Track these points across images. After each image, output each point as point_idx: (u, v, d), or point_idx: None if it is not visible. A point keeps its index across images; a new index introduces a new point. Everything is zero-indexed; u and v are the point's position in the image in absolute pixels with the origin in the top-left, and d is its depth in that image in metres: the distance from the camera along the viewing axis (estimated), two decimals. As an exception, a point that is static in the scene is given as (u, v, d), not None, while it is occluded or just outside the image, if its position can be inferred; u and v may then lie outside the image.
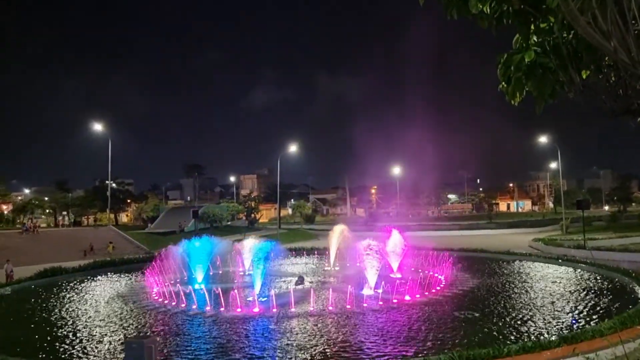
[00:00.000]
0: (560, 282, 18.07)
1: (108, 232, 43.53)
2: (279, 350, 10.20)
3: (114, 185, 74.15)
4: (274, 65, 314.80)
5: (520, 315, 12.89)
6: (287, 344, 10.63)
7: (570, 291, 16.21)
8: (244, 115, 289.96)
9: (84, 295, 18.01)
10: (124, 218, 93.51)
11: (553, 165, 70.11)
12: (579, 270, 20.93)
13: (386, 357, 9.62)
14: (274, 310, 14.16)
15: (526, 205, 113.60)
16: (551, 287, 17.14)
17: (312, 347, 10.37)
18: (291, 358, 9.65)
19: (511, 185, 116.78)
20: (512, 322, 12.17)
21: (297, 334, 11.54)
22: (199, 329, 12.48)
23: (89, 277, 22.81)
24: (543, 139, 47.60)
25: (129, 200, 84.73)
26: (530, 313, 13.15)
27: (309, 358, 9.65)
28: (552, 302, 14.40)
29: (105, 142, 49.14)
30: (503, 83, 3.35)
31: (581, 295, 15.49)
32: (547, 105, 3.33)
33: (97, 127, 48.72)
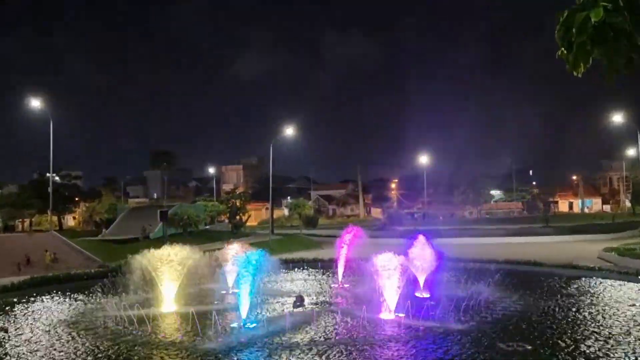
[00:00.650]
0: None
1: (50, 240, 43.74)
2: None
3: (57, 178, 74.48)
4: (266, 23, 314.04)
5: (587, 349, 12.93)
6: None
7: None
8: (227, 89, 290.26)
9: (18, 322, 18.17)
10: (70, 221, 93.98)
11: (631, 152, 69.88)
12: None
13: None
14: (266, 339, 14.26)
15: (595, 204, 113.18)
16: (629, 311, 17.16)
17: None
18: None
19: (575, 178, 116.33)
20: (576, 358, 12.19)
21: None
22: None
23: (24, 299, 22.92)
24: (618, 119, 47.35)
25: (77, 199, 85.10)
26: (600, 346, 13.18)
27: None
28: (629, 332, 14.42)
29: (45, 123, 49.26)
30: (563, 49, 3.32)
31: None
32: (622, 76, 3.31)
33: (35, 104, 48.62)
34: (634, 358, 12.04)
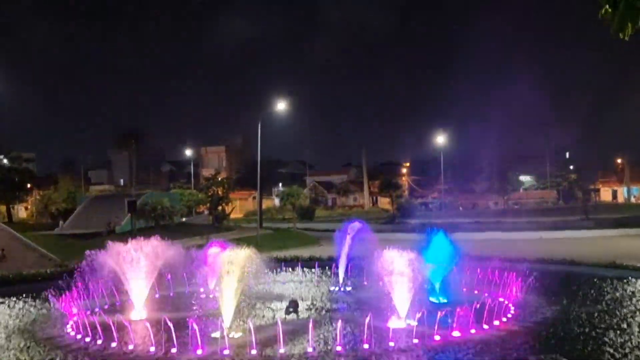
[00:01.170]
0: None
1: (-3, 234, 43.76)
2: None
3: (5, 161, 74.40)
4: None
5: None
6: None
7: None
8: (207, 57, 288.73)
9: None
10: (21, 212, 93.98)
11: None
12: None
13: None
14: (253, 351, 14.32)
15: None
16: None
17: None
18: None
19: (620, 161, 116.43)
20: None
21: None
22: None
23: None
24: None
25: (29, 185, 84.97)
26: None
27: None
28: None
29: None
30: (607, 7, 3.26)
31: None
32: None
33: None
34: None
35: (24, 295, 24.12)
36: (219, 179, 69.96)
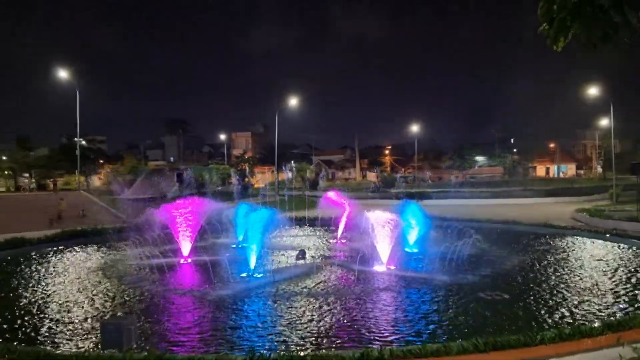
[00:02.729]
0: (607, 261, 18.25)
1: (78, 198, 44.01)
2: (275, 334, 10.48)
3: (83, 142, 74.39)
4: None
5: (558, 299, 13.11)
6: (285, 327, 10.90)
7: (618, 271, 16.39)
8: (237, 61, 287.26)
9: (51, 270, 18.40)
10: (96, 182, 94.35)
11: (604, 122, 69.40)
12: (631, 246, 21.09)
13: (398, 342, 9.87)
14: (271, 288, 14.46)
15: (569, 169, 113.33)
16: (596, 266, 17.34)
17: (313, 330, 10.64)
18: (290, 342, 9.93)
19: (552, 146, 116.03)
20: (548, 306, 12.38)
21: (297, 315, 11.81)
22: (185, 309, 12.79)
23: (57, 249, 23.29)
24: (593, 91, 46.86)
25: (101, 161, 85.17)
26: (570, 296, 13.36)
27: (310, 342, 9.92)
28: (596, 284, 14.59)
29: (72, 92, 49.01)
30: (545, 24, 3.25)
31: (632, 276, 15.65)
32: (598, 50, 3.26)
33: (63, 74, 48.40)
34: (599, 307, 12.19)
35: (98, 244, 24.38)
36: (246, 157, 70.03)
